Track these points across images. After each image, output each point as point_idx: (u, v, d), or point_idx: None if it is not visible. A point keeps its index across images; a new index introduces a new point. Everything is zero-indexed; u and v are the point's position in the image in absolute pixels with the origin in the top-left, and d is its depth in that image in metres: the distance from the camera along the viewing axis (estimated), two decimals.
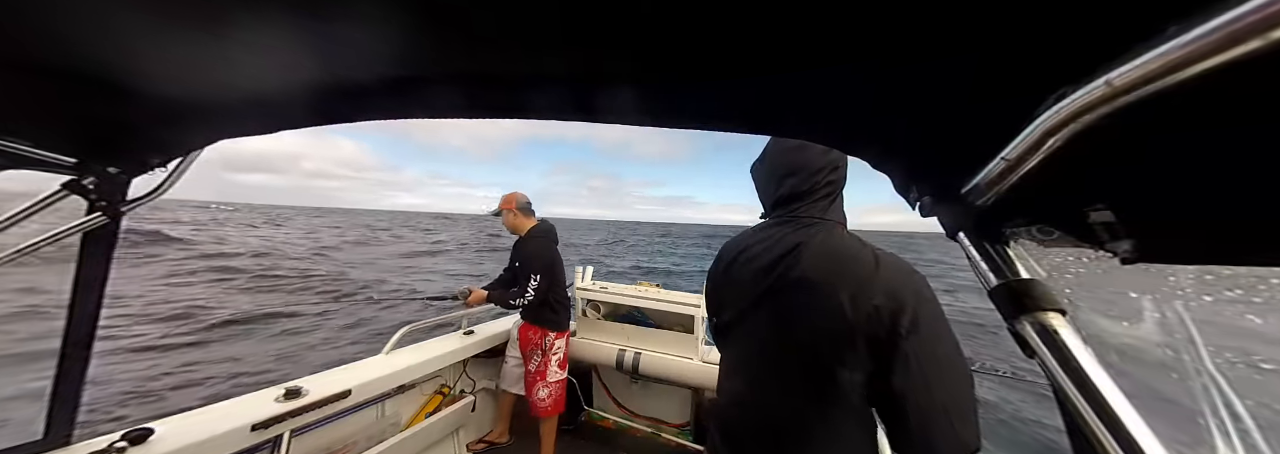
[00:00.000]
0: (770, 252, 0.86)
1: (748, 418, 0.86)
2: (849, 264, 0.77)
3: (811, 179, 0.87)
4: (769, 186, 0.93)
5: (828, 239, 0.82)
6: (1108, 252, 0.39)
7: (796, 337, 0.78)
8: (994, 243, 0.49)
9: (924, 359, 0.67)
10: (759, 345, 0.86)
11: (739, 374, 0.90)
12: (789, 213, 0.88)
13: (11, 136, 0.79)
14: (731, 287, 0.94)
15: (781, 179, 0.89)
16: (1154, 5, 0.25)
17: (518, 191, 2.39)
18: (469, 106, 0.68)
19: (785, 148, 0.91)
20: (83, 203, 0.98)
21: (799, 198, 0.88)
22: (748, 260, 0.90)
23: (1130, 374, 0.38)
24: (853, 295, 0.72)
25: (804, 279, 0.78)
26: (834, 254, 0.79)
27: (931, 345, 0.68)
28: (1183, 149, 0.32)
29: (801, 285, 0.78)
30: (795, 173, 0.88)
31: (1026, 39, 0.33)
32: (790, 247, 0.83)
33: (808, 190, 0.87)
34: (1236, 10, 0.21)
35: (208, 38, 0.54)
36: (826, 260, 0.79)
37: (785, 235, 0.86)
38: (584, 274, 2.67)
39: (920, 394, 0.67)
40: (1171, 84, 0.24)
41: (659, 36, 0.43)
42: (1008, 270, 0.46)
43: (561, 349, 2.34)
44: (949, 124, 0.47)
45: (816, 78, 0.47)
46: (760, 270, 0.86)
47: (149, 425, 1.30)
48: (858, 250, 0.79)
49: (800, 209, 0.87)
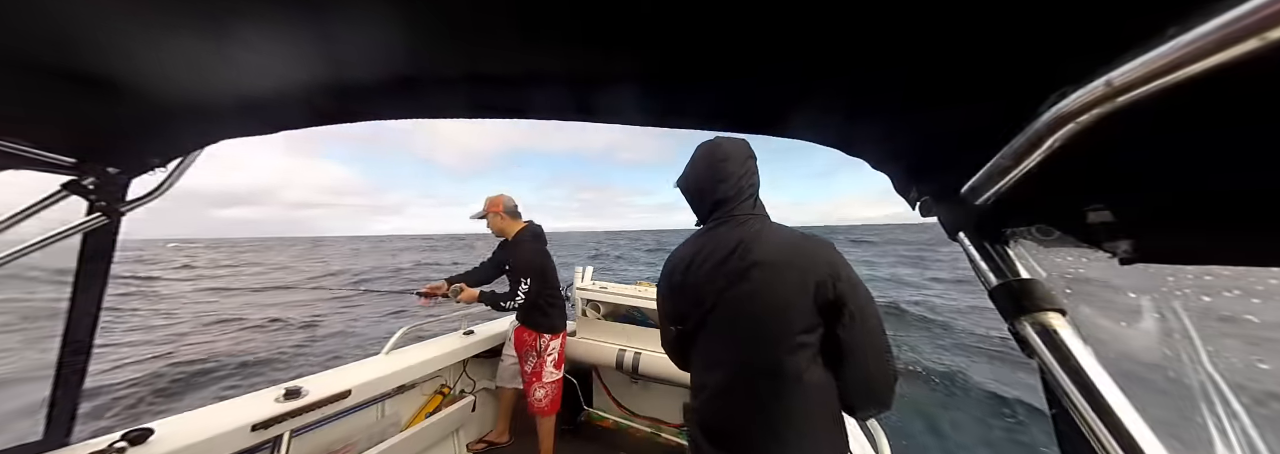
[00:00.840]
0: (721, 248, 0.96)
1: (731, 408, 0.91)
2: (796, 246, 0.91)
3: (738, 183, 1.00)
4: (703, 195, 1.05)
5: (768, 229, 0.96)
6: (1107, 252, 0.39)
7: (762, 318, 0.88)
8: (994, 243, 0.49)
9: (857, 313, 0.83)
10: (734, 332, 0.93)
11: (719, 366, 0.95)
12: (726, 214, 1.00)
13: (11, 136, 0.79)
14: (689, 290, 1.00)
15: (715, 185, 1.02)
16: (1154, 5, 0.26)
17: (504, 194, 2.32)
18: (469, 106, 0.68)
19: (713, 161, 1.03)
20: (83, 203, 0.98)
21: (731, 200, 1.00)
22: (702, 261, 0.99)
23: (1129, 374, 0.38)
24: (803, 270, 0.86)
25: (761, 263, 0.90)
26: (780, 240, 0.93)
27: (861, 302, 0.84)
28: (1182, 149, 0.32)
29: (762, 270, 0.89)
30: (725, 179, 1.01)
31: (1027, 39, 0.33)
32: (737, 240, 0.95)
33: (736, 193, 1.00)
34: (1236, 11, 0.21)
35: (208, 38, 0.54)
36: (776, 246, 0.92)
37: (729, 232, 0.97)
38: (584, 274, 2.67)
39: (864, 339, 0.83)
40: (1171, 84, 0.24)
41: (659, 36, 0.44)
42: (1008, 270, 0.46)
43: (556, 350, 2.32)
44: (949, 124, 0.47)
45: (816, 78, 0.47)
46: (717, 264, 0.95)
47: (149, 425, 1.30)
48: (796, 235, 0.95)
49: (734, 209, 1.00)
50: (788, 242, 0.92)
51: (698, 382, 1.00)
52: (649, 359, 2.35)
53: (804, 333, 0.85)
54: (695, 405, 1.00)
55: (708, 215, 1.04)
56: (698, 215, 1.10)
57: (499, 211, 2.27)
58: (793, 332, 0.85)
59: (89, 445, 1.19)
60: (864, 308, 0.84)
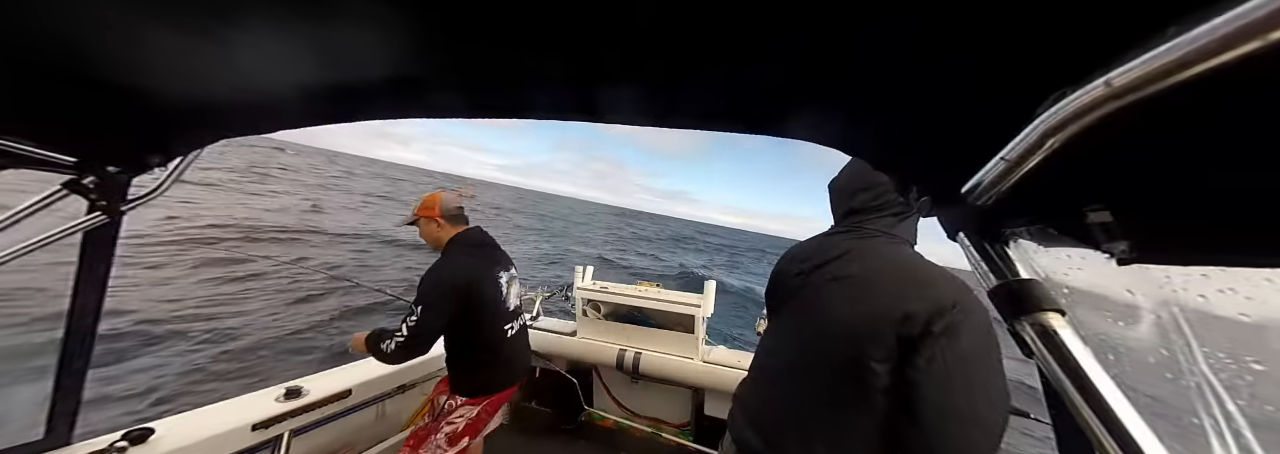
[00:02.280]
0: (823, 253, 0.93)
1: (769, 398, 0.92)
2: (902, 270, 0.80)
3: (883, 196, 0.92)
4: (841, 199, 0.99)
5: (885, 248, 0.87)
6: (1107, 252, 0.39)
7: (826, 325, 0.84)
8: (994, 243, 0.49)
9: (949, 360, 0.68)
10: (791, 333, 0.94)
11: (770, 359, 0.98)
12: (855, 224, 0.94)
13: (11, 136, 0.79)
14: (779, 283, 1.03)
15: (855, 193, 0.95)
16: (1154, 5, 0.25)
17: (444, 192, 1.74)
18: (469, 106, 0.68)
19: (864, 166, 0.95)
20: (83, 203, 0.98)
21: (867, 211, 0.93)
22: (803, 259, 0.98)
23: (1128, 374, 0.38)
24: (892, 294, 0.75)
25: (848, 278, 0.84)
26: (887, 260, 0.83)
27: (962, 352, 0.68)
28: (1182, 149, 0.32)
29: (842, 281, 0.84)
30: (868, 188, 0.93)
31: (1026, 39, 0.33)
32: (844, 250, 0.89)
33: (877, 205, 0.92)
34: (1236, 11, 0.21)
35: (208, 38, 0.54)
36: (876, 263, 0.83)
37: (843, 241, 0.92)
38: (584, 274, 2.67)
39: (934, 389, 0.68)
40: (1171, 84, 0.24)
41: (659, 36, 0.44)
42: (1008, 270, 0.46)
43: (462, 420, 1.60)
44: (949, 124, 0.47)
45: (816, 78, 0.47)
46: (810, 269, 0.93)
47: (149, 425, 1.30)
48: (918, 262, 0.82)
49: (867, 221, 0.93)
50: (898, 264, 0.82)
51: (754, 364, 1.04)
52: (649, 359, 2.35)
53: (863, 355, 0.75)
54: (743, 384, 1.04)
55: (841, 220, 0.99)
56: (834, 217, 1.04)
57: (434, 216, 1.65)
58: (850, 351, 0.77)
59: (89, 445, 1.19)
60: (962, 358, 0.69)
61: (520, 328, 1.78)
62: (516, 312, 1.77)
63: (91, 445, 1.19)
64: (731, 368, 2.26)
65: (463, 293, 1.51)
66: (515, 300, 1.77)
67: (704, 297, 2.30)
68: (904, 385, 0.71)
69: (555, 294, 3.06)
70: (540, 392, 2.81)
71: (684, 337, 2.37)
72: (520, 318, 1.80)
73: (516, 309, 1.77)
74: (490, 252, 1.72)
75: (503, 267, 1.73)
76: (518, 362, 1.77)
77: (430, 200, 1.67)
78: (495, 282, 1.64)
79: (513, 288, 1.76)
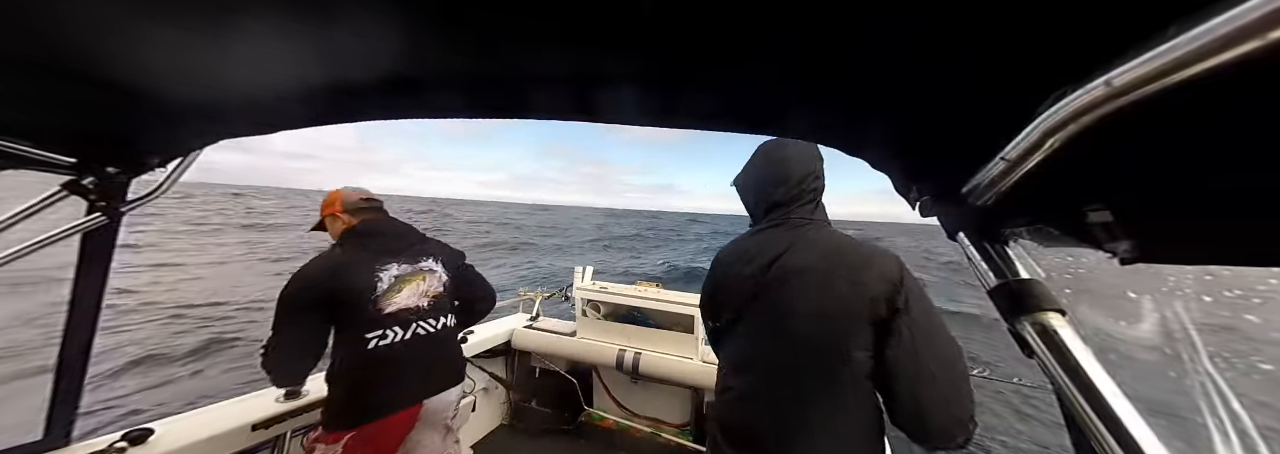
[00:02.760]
0: (767, 251, 0.93)
1: (755, 412, 0.89)
2: (846, 255, 0.84)
3: (798, 186, 0.96)
4: (759, 196, 1.01)
5: (821, 235, 0.91)
6: (1107, 252, 0.39)
7: (801, 324, 0.84)
8: (994, 243, 0.49)
9: (915, 333, 0.75)
10: (763, 338, 0.91)
11: (745, 370, 0.94)
12: (781, 217, 0.96)
13: (11, 136, 0.79)
14: (728, 288, 1.00)
15: (773, 188, 0.98)
16: (1154, 5, 0.25)
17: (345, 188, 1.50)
18: (469, 106, 0.68)
19: (770, 160, 0.99)
20: (83, 203, 0.98)
21: (789, 203, 0.96)
22: (746, 261, 0.96)
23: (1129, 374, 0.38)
24: (852, 281, 0.80)
25: (805, 270, 0.86)
26: (831, 247, 0.87)
27: (923, 321, 0.76)
28: (1183, 149, 0.32)
29: (802, 276, 0.85)
30: (784, 182, 0.96)
31: (1026, 39, 0.33)
32: (787, 244, 0.91)
33: (795, 196, 0.96)
34: (1235, 11, 0.21)
35: (208, 38, 0.54)
36: (824, 252, 0.86)
37: (780, 235, 0.94)
38: (584, 274, 2.67)
39: (909, 362, 0.74)
40: (1171, 84, 0.24)
41: (659, 36, 0.43)
42: (1008, 270, 0.46)
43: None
44: (949, 124, 0.47)
45: (816, 78, 0.47)
46: (759, 268, 0.92)
47: (149, 425, 1.30)
48: (851, 243, 0.88)
49: (791, 213, 0.96)
50: (840, 249, 0.86)
51: (723, 383, 0.99)
52: (649, 359, 2.35)
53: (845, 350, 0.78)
54: (717, 405, 0.99)
55: (763, 216, 1.00)
56: (752, 216, 1.05)
57: (336, 212, 1.43)
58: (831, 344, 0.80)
59: (89, 445, 1.19)
60: (924, 327, 0.76)
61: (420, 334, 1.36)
62: (419, 311, 1.38)
63: (91, 445, 1.19)
64: None
65: (320, 295, 1.24)
66: (418, 299, 1.39)
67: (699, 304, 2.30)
68: (884, 365, 0.76)
69: (555, 294, 3.06)
70: (540, 392, 2.81)
71: (683, 337, 2.37)
72: (422, 321, 1.38)
73: (419, 309, 1.38)
74: (387, 241, 1.42)
75: (401, 257, 1.41)
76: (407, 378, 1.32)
77: (331, 197, 1.47)
78: (370, 275, 1.31)
79: (415, 284, 1.40)
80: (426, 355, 1.39)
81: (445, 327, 1.47)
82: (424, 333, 1.39)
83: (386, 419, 1.28)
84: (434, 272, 1.48)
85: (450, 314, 1.52)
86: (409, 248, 1.47)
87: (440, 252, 1.57)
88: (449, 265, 1.56)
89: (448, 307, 1.52)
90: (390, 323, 1.32)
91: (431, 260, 1.50)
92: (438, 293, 1.47)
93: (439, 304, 1.46)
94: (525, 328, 2.75)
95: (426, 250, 1.51)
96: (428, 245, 1.54)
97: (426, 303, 1.42)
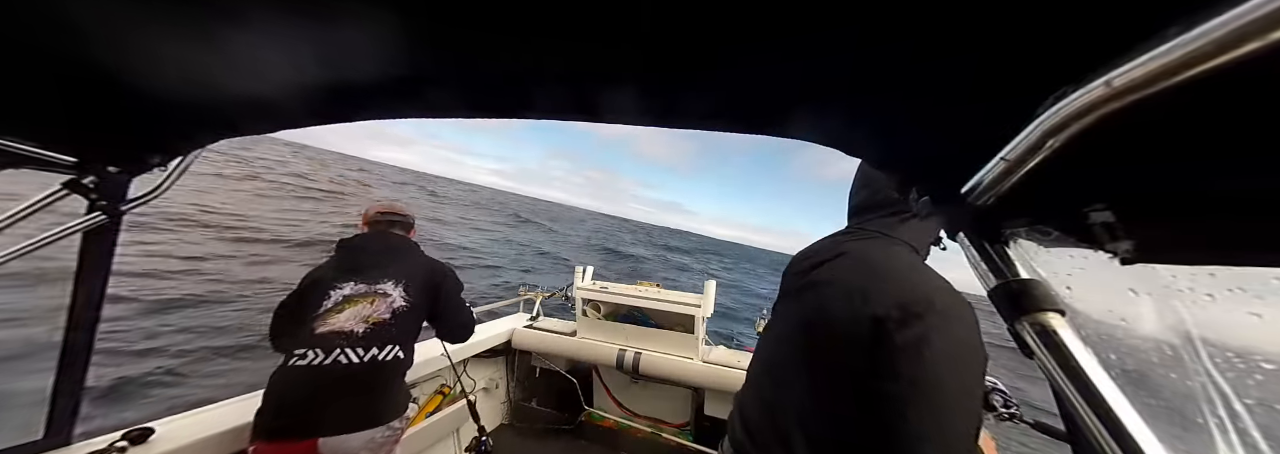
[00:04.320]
0: (817, 256, 0.90)
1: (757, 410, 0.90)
2: (875, 273, 0.74)
3: (881, 193, 0.87)
4: (850, 198, 0.96)
5: (873, 249, 0.81)
6: (1108, 252, 0.39)
7: (805, 336, 0.82)
8: (994, 243, 0.49)
9: (915, 379, 0.61)
10: (776, 341, 0.92)
11: (757, 367, 0.97)
12: (857, 224, 0.91)
13: (11, 136, 0.79)
14: (784, 282, 1.00)
15: (857, 190, 0.93)
16: (1154, 5, 0.25)
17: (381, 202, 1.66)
18: (469, 106, 0.68)
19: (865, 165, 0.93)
20: (83, 203, 0.98)
21: (867, 210, 0.90)
22: (804, 258, 0.95)
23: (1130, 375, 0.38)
24: (863, 301, 0.69)
25: (827, 282, 0.81)
26: (868, 262, 0.78)
27: (932, 365, 0.62)
28: (1183, 149, 0.32)
29: (823, 288, 0.81)
30: (868, 185, 0.90)
31: (1026, 39, 0.33)
32: (835, 253, 0.85)
33: (876, 203, 0.88)
34: (1236, 10, 0.21)
35: (208, 38, 0.54)
36: (856, 267, 0.78)
37: (839, 243, 0.89)
38: (584, 274, 2.67)
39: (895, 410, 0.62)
40: (1171, 84, 0.24)
41: (658, 35, 0.43)
42: (1007, 270, 0.46)
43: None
44: (949, 124, 0.47)
45: (816, 78, 0.47)
46: (801, 272, 0.91)
47: (149, 425, 1.30)
48: (895, 262, 0.76)
49: (867, 222, 0.89)
50: (871, 263, 0.77)
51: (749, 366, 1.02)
52: (649, 359, 2.35)
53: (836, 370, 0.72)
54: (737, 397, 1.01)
55: (849, 220, 0.96)
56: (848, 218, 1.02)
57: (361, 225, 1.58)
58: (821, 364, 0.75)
59: (89, 445, 1.19)
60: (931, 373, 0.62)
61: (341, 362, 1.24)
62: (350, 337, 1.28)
63: (91, 445, 1.19)
64: (731, 368, 2.26)
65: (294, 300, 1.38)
66: (355, 323, 1.30)
67: (704, 296, 2.30)
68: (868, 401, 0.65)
69: (555, 294, 3.06)
70: (540, 392, 2.81)
71: (684, 337, 2.37)
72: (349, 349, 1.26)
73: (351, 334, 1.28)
74: (357, 257, 1.43)
75: (361, 276, 1.38)
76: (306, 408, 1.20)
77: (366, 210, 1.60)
78: (325, 291, 1.34)
79: (359, 306, 1.33)
80: (338, 388, 1.24)
81: (375, 360, 1.28)
82: (345, 362, 1.25)
83: (278, 444, 1.21)
84: (386, 296, 1.38)
85: (395, 347, 1.34)
86: (376, 266, 1.42)
87: (410, 274, 1.45)
88: (416, 290, 1.44)
89: (392, 337, 1.34)
90: (316, 343, 1.27)
91: (390, 283, 1.40)
92: (381, 320, 1.34)
93: (379, 333, 1.32)
94: (525, 327, 2.75)
95: (393, 272, 1.43)
96: (401, 266, 1.46)
97: (362, 329, 1.31)
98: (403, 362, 1.38)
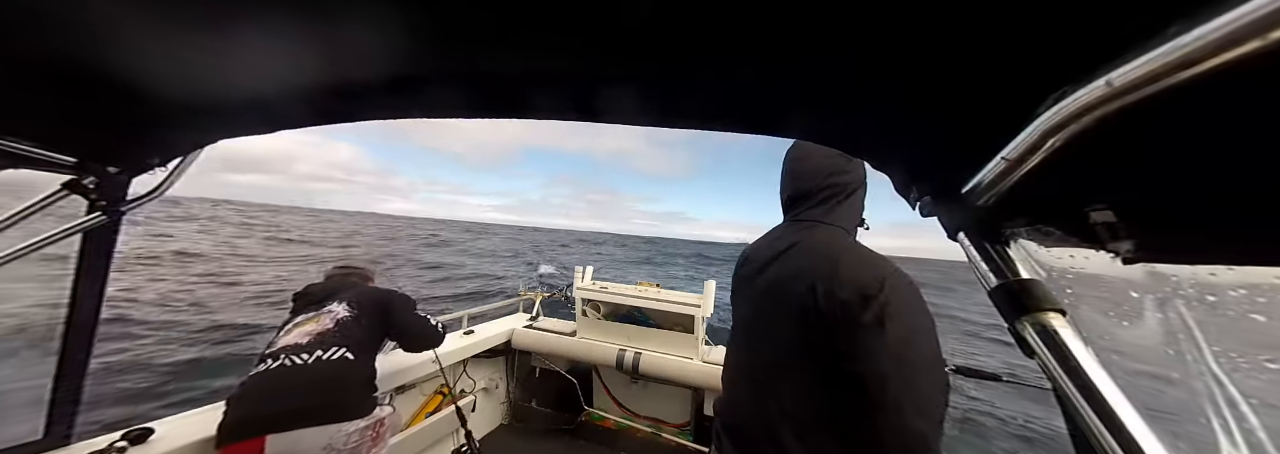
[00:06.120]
0: (766, 252, 0.93)
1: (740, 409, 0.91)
2: (825, 260, 0.79)
3: (811, 182, 0.92)
4: (782, 190, 1.00)
5: (816, 238, 0.86)
6: (1109, 252, 0.39)
7: (776, 331, 0.83)
8: (994, 243, 0.49)
9: (886, 352, 0.67)
10: (748, 341, 0.93)
11: (732, 368, 0.97)
12: (793, 216, 0.95)
13: (11, 136, 0.79)
14: (739, 287, 1.01)
15: (790, 182, 0.97)
16: (1154, 5, 0.25)
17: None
18: (469, 106, 0.68)
19: (795, 155, 0.98)
20: (83, 203, 0.98)
21: (801, 201, 0.93)
22: (752, 261, 0.97)
23: (1131, 375, 0.37)
24: (825, 289, 0.74)
25: (785, 276, 0.84)
26: (815, 251, 0.83)
27: (897, 339, 0.68)
28: (1183, 149, 0.32)
29: (782, 282, 0.84)
30: (799, 177, 0.95)
31: (1027, 39, 0.33)
32: (784, 247, 0.89)
33: (807, 194, 0.92)
34: (1236, 11, 0.21)
35: (208, 38, 0.54)
36: (807, 257, 0.83)
37: (784, 236, 0.93)
38: (584, 274, 2.67)
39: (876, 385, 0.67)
40: (1171, 84, 0.24)
41: (659, 35, 0.43)
42: (1008, 270, 0.46)
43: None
44: (949, 124, 0.47)
45: (817, 78, 0.47)
46: (755, 271, 0.93)
47: (149, 425, 1.31)
48: (839, 248, 0.81)
49: (802, 212, 0.93)
50: (820, 252, 0.80)
51: (723, 376, 1.03)
52: (649, 359, 2.35)
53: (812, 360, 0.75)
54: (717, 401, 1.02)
55: (785, 213, 1.00)
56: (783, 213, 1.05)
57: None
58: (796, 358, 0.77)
59: (89, 445, 1.19)
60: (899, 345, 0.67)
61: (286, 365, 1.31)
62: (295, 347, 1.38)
63: (91, 445, 1.19)
64: None
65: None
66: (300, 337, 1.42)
67: (704, 296, 2.30)
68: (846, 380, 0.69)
69: (555, 294, 3.06)
70: (540, 392, 2.81)
71: (684, 337, 2.37)
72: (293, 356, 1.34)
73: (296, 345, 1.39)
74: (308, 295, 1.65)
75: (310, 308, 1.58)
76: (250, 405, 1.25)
77: None
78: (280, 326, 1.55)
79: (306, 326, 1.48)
80: (284, 385, 1.28)
81: (320, 359, 1.34)
82: (290, 364, 1.31)
83: (229, 447, 1.21)
84: (331, 312, 1.52)
85: (340, 349, 1.40)
86: (327, 298, 1.60)
87: (357, 295, 1.62)
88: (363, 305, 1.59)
89: (336, 341, 1.41)
90: (266, 358, 1.37)
91: (335, 302, 1.57)
92: (325, 330, 1.44)
93: (324, 339, 1.41)
94: (525, 328, 2.75)
95: (340, 296, 1.61)
96: (349, 292, 1.63)
97: (307, 340, 1.40)
98: (352, 362, 1.40)
